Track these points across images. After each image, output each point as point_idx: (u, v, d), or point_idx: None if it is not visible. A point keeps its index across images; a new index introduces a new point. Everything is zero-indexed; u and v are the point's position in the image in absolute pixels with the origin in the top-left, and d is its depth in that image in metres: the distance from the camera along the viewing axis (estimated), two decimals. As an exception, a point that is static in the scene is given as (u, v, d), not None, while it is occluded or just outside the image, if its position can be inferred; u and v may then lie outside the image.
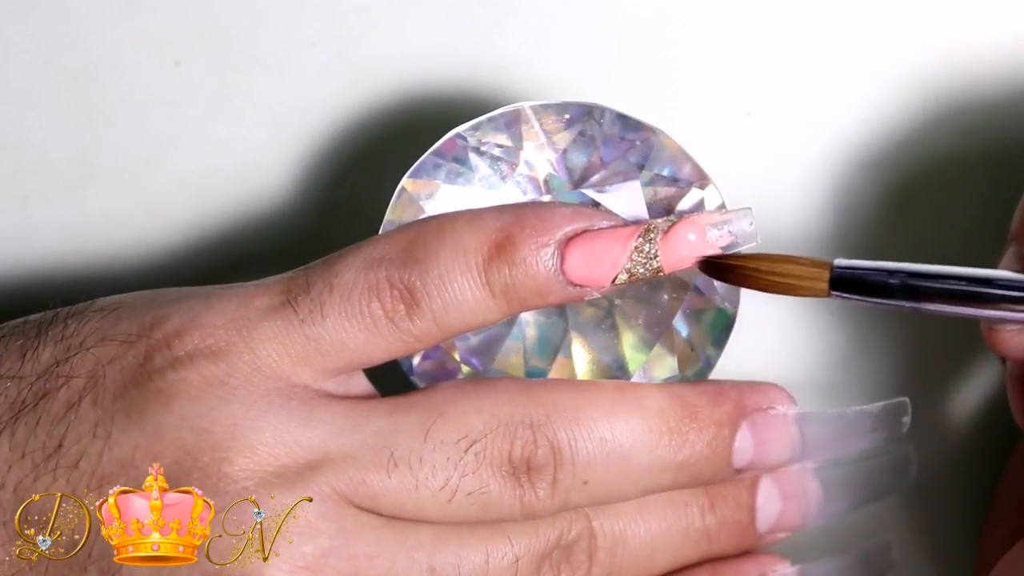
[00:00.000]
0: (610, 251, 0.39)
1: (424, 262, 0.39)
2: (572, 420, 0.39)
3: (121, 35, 0.47)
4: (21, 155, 0.47)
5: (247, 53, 0.47)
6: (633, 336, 0.42)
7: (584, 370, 0.42)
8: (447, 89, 0.47)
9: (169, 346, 0.38)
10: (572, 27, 0.47)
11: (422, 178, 0.41)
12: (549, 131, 0.41)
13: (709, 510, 0.42)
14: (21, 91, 0.47)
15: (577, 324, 0.42)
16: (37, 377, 0.38)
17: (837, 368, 0.47)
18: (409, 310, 0.39)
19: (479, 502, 0.39)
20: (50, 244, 0.47)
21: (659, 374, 0.42)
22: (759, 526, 0.42)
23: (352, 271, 0.39)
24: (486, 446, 0.39)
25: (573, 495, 0.39)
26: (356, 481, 0.38)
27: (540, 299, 0.39)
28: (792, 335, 0.47)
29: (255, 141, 0.47)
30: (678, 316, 0.42)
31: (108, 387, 0.38)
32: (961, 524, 0.47)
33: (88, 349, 0.39)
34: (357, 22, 0.47)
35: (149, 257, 0.47)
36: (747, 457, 0.41)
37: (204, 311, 0.39)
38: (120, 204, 0.47)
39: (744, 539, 0.43)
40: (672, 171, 0.41)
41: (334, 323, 0.39)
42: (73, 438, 0.38)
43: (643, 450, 0.40)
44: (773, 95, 0.46)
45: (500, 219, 0.39)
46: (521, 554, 0.40)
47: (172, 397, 0.38)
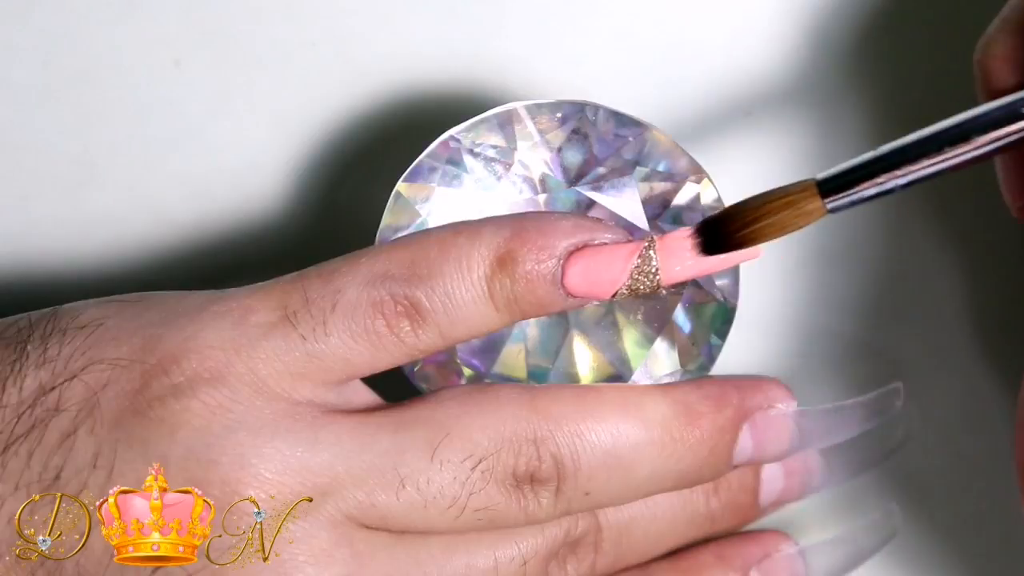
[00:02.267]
0: (611, 268, 0.39)
1: (429, 279, 0.38)
2: (575, 434, 0.39)
3: (121, 35, 0.47)
4: (21, 155, 0.47)
5: (247, 53, 0.47)
6: (634, 332, 0.42)
7: (586, 368, 0.42)
8: (447, 89, 0.47)
9: (167, 372, 0.38)
10: (572, 28, 0.47)
11: (417, 182, 0.41)
12: (543, 130, 0.41)
13: (714, 494, 0.42)
14: (21, 91, 0.47)
15: (578, 322, 0.42)
16: (25, 407, 0.38)
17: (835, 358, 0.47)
18: (414, 325, 0.39)
19: (486, 516, 0.39)
20: (50, 244, 0.47)
21: (661, 370, 0.42)
22: (762, 502, 0.43)
23: (355, 288, 0.38)
24: (492, 464, 0.39)
25: (575, 504, 0.40)
26: (365, 504, 0.38)
27: (541, 310, 0.39)
28: (790, 326, 0.47)
29: (254, 141, 0.47)
30: (678, 311, 0.42)
31: (105, 416, 0.37)
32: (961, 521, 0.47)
33: (75, 375, 0.38)
34: (356, 22, 0.47)
35: (149, 257, 0.47)
36: (746, 456, 0.41)
37: (198, 331, 0.38)
38: (120, 204, 0.47)
39: (747, 516, 0.43)
40: (667, 166, 0.41)
41: (338, 341, 0.38)
42: (72, 470, 0.37)
43: (645, 461, 0.40)
44: (773, 95, 0.46)
45: (501, 233, 0.39)
46: (529, 556, 0.40)
47: (176, 428, 0.37)
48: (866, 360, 0.47)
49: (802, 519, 0.45)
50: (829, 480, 0.43)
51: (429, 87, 0.47)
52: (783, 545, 0.43)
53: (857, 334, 0.47)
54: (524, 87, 0.46)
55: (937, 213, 0.46)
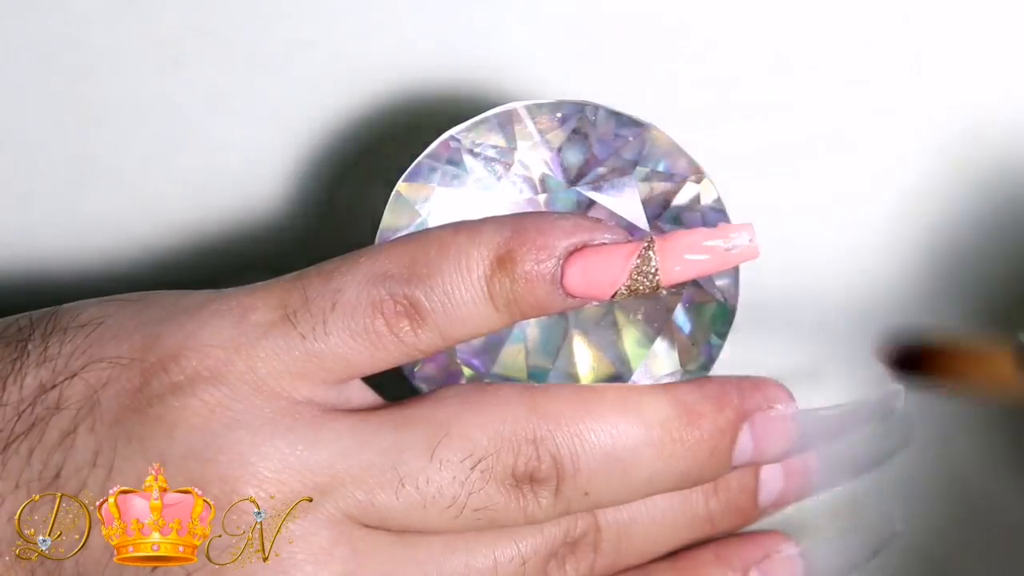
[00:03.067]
0: (610, 268, 0.39)
1: (428, 278, 0.38)
2: (574, 434, 0.39)
3: (121, 35, 0.47)
4: (21, 155, 0.47)
5: (247, 53, 0.47)
6: (634, 332, 0.42)
7: (587, 368, 0.42)
8: (447, 89, 0.47)
9: (166, 370, 0.38)
10: (572, 28, 0.47)
11: (417, 182, 0.41)
12: (543, 130, 0.41)
13: (713, 495, 0.42)
14: (21, 91, 0.47)
15: (578, 322, 0.42)
16: (25, 405, 0.38)
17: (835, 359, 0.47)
18: (414, 325, 0.39)
19: (485, 516, 0.39)
20: (50, 244, 0.47)
21: (661, 370, 0.42)
22: (761, 503, 0.43)
23: (355, 287, 0.38)
24: (491, 464, 0.39)
25: (575, 504, 0.40)
26: (365, 503, 0.38)
27: (541, 310, 0.39)
28: (791, 326, 0.47)
29: (254, 141, 0.47)
30: (678, 310, 0.42)
31: (104, 414, 0.37)
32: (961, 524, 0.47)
33: (76, 373, 0.38)
34: (356, 22, 0.47)
35: (149, 257, 0.47)
36: (746, 456, 0.41)
37: (198, 329, 0.38)
38: (120, 204, 0.47)
39: (746, 518, 0.43)
40: (667, 166, 0.41)
41: (338, 340, 0.38)
42: (72, 468, 0.37)
43: (644, 461, 0.40)
44: (773, 95, 0.46)
45: (501, 232, 0.39)
46: (528, 555, 0.40)
47: (175, 426, 0.37)
48: (866, 361, 0.47)
49: (802, 520, 0.45)
50: (829, 482, 0.43)
51: (429, 87, 0.47)
52: (783, 546, 0.43)
53: (857, 334, 0.47)
54: (524, 87, 0.46)
55: (937, 213, 0.46)
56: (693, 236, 0.39)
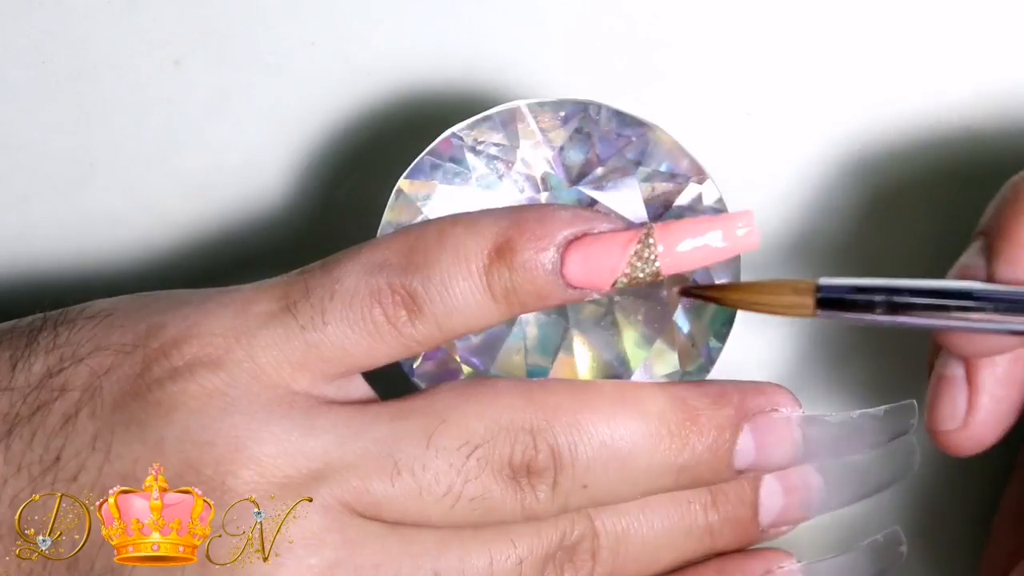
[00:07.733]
0: (609, 256, 0.39)
1: (426, 268, 0.39)
2: (571, 424, 0.39)
3: (121, 35, 0.47)
4: (21, 155, 0.47)
5: (247, 53, 0.47)
6: (634, 332, 0.42)
7: (586, 368, 0.42)
8: (448, 88, 0.47)
9: (167, 356, 0.38)
10: (574, 27, 0.47)
11: (419, 179, 0.41)
12: (545, 129, 0.41)
13: (712, 507, 0.42)
14: (21, 91, 0.47)
15: (578, 322, 0.42)
16: (31, 389, 0.38)
17: (842, 365, 0.47)
18: (411, 315, 0.39)
19: (481, 507, 0.39)
20: (50, 244, 0.47)
21: (660, 370, 0.42)
22: (762, 520, 0.42)
23: (353, 277, 0.39)
24: (488, 452, 0.39)
25: (573, 498, 0.40)
26: (360, 490, 0.38)
27: (540, 302, 0.39)
28: (795, 331, 0.47)
29: (254, 141, 0.47)
30: (678, 311, 0.42)
31: (106, 399, 0.38)
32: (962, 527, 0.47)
33: (82, 360, 0.38)
34: (356, 22, 0.47)
35: (149, 257, 0.47)
36: (748, 460, 0.41)
37: (201, 319, 0.38)
38: (120, 204, 0.47)
39: (747, 534, 0.43)
40: (669, 166, 0.41)
41: (336, 329, 0.38)
42: (71, 451, 0.38)
43: (642, 453, 0.40)
44: (773, 95, 0.46)
45: (499, 223, 0.39)
46: (524, 556, 0.40)
47: (172, 409, 0.38)
48: (867, 361, 0.47)
49: (805, 537, 0.45)
50: (832, 502, 0.43)
51: (430, 86, 0.47)
52: (785, 562, 0.43)
53: (858, 337, 0.47)
54: (527, 85, 0.46)
55: (938, 214, 0.46)
56: (693, 224, 0.39)
